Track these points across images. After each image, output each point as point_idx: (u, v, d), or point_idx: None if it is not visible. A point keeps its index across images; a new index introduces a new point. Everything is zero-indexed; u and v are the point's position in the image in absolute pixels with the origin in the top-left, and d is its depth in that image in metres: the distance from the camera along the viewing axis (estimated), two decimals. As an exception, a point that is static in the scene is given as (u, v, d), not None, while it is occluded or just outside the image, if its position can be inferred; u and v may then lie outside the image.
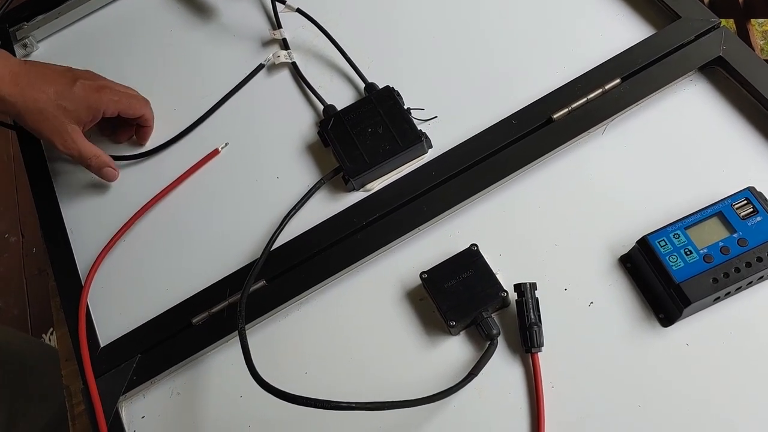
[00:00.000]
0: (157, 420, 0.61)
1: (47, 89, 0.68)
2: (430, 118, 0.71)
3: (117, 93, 0.73)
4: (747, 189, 0.57)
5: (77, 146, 0.70)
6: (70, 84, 0.69)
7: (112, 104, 0.72)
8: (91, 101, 0.70)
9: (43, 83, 0.68)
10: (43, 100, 0.68)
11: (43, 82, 0.68)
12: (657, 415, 0.54)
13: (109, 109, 0.72)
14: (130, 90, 0.77)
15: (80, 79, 0.70)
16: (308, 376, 0.61)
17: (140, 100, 0.76)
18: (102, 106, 0.71)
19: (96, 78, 0.73)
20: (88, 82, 0.71)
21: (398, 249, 0.65)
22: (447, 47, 0.75)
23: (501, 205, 0.65)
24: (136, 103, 0.75)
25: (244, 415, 0.60)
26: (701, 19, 0.68)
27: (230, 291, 0.64)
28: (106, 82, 0.74)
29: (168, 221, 0.72)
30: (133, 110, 0.74)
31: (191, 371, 0.63)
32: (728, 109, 0.65)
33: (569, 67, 0.70)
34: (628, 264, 0.59)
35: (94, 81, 0.72)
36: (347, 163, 0.67)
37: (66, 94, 0.69)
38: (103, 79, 0.74)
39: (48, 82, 0.69)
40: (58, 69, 0.72)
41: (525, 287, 0.58)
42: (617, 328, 0.57)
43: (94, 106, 0.70)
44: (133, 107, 0.74)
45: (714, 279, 0.54)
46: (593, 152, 0.66)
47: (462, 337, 0.59)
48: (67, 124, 0.69)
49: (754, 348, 0.55)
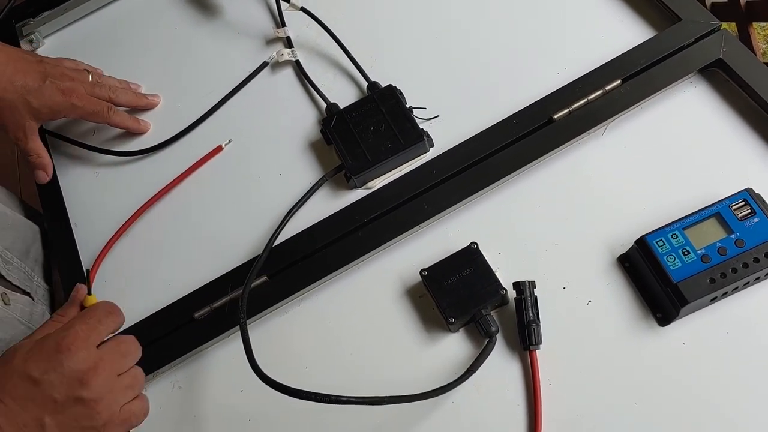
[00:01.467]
0: (158, 413, 0.62)
1: (16, 81, 0.68)
2: (431, 117, 0.71)
3: (83, 99, 0.72)
4: (745, 190, 0.58)
5: (27, 141, 0.72)
6: (39, 80, 0.69)
7: (73, 110, 0.71)
8: (54, 103, 0.70)
9: (13, 74, 0.68)
10: (11, 91, 0.68)
11: (14, 72, 0.68)
12: (653, 414, 0.54)
13: (70, 114, 0.72)
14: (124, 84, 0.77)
15: (49, 77, 0.70)
16: (308, 371, 0.61)
17: (112, 110, 0.75)
18: (63, 111, 0.71)
19: (66, 77, 0.72)
20: (56, 82, 0.70)
21: (399, 246, 0.66)
22: (449, 47, 0.76)
23: (501, 204, 0.66)
24: (104, 113, 0.74)
25: (245, 408, 0.61)
26: (702, 21, 0.69)
27: (232, 286, 0.65)
28: (75, 85, 0.72)
29: (171, 217, 0.73)
30: (98, 118, 0.74)
31: (193, 365, 0.64)
32: (728, 111, 0.66)
33: (570, 67, 0.70)
34: (626, 263, 0.60)
35: (62, 81, 0.71)
36: (349, 161, 0.68)
37: (33, 91, 0.69)
38: (77, 77, 0.73)
39: (19, 73, 0.69)
40: (30, 60, 0.71)
41: (524, 285, 0.58)
42: (615, 326, 0.58)
43: (56, 109, 0.71)
44: (98, 116, 0.73)
45: (711, 279, 0.54)
46: (593, 152, 0.66)
47: (461, 334, 0.60)
48: (27, 119, 0.70)
49: (750, 348, 0.55)
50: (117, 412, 0.52)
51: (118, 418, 0.52)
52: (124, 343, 0.55)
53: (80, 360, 0.51)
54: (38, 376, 0.50)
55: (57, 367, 0.50)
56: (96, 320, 0.55)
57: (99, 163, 0.78)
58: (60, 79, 0.71)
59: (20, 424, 0.49)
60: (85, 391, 0.50)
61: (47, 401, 0.49)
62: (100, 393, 0.51)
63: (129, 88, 0.79)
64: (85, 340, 0.52)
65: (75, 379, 0.50)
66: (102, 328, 0.55)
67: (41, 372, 0.50)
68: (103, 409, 0.51)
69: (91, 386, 0.51)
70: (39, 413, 0.49)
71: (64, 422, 0.50)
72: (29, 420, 0.49)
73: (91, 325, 0.54)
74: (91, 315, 0.55)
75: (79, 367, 0.51)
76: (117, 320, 0.57)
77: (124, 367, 0.54)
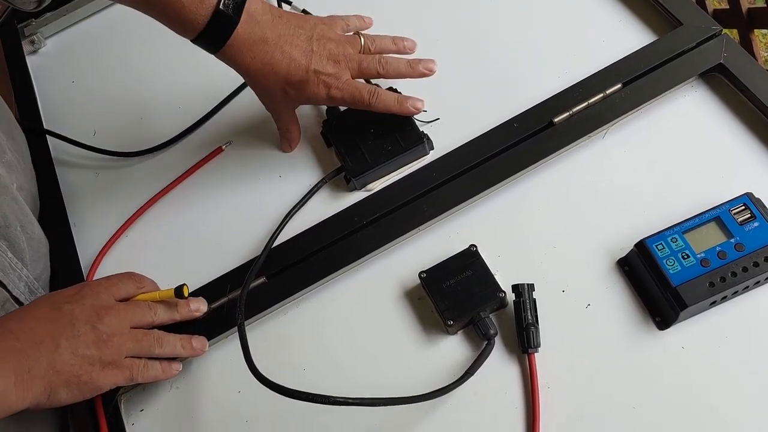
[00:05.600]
0: (155, 413, 0.62)
1: (279, 70, 0.65)
2: (432, 120, 0.71)
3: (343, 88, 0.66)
4: (745, 195, 0.57)
5: (279, 118, 0.71)
6: (303, 72, 0.65)
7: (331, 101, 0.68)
8: (312, 95, 0.67)
9: (280, 59, 0.65)
10: (272, 79, 0.66)
11: (281, 57, 0.65)
12: (652, 417, 0.54)
13: (330, 103, 0.70)
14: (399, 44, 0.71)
15: (313, 67, 0.65)
16: (306, 373, 0.61)
17: (374, 95, 0.66)
18: (321, 102, 0.69)
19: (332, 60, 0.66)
20: (320, 73, 0.65)
21: (398, 248, 0.65)
22: (450, 51, 0.76)
23: (500, 206, 0.66)
24: (365, 100, 0.66)
25: (242, 409, 0.60)
26: (703, 26, 0.69)
27: (230, 287, 0.65)
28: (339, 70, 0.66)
29: (171, 218, 0.73)
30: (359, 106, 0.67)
31: (190, 366, 0.64)
32: (728, 115, 0.66)
33: (571, 71, 0.70)
34: (625, 267, 0.60)
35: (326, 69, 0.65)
36: (349, 163, 0.68)
37: (294, 84, 0.66)
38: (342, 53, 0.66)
39: (284, 59, 0.65)
40: (300, 37, 0.65)
41: (523, 288, 0.58)
42: (614, 330, 0.58)
43: (314, 100, 0.68)
44: (359, 103, 0.67)
45: (711, 283, 0.54)
46: (594, 156, 0.66)
47: (459, 337, 0.60)
48: (282, 103, 0.69)
49: (749, 352, 0.55)
50: (121, 356, 0.56)
51: (121, 363, 0.56)
52: (141, 306, 0.60)
53: (101, 299, 0.58)
54: (62, 305, 0.56)
55: (79, 300, 0.57)
56: (117, 279, 0.61)
57: (99, 164, 0.78)
58: (324, 66, 0.65)
59: (36, 340, 0.53)
60: (99, 323, 0.56)
61: (66, 325, 0.54)
62: (111, 329, 0.56)
63: (404, 49, 0.71)
64: (108, 288, 0.59)
65: (93, 312, 0.56)
66: (122, 286, 0.60)
67: (64, 302, 0.56)
68: (112, 346, 0.56)
69: (105, 321, 0.56)
70: (57, 334, 0.54)
71: (77, 348, 0.54)
72: (46, 337, 0.53)
73: (112, 281, 0.60)
74: (113, 276, 0.62)
75: (98, 303, 0.57)
76: (138, 285, 0.62)
77: (139, 322, 0.59)
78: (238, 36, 0.63)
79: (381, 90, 0.67)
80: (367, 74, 0.68)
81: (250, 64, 0.64)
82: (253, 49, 0.64)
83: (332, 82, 0.66)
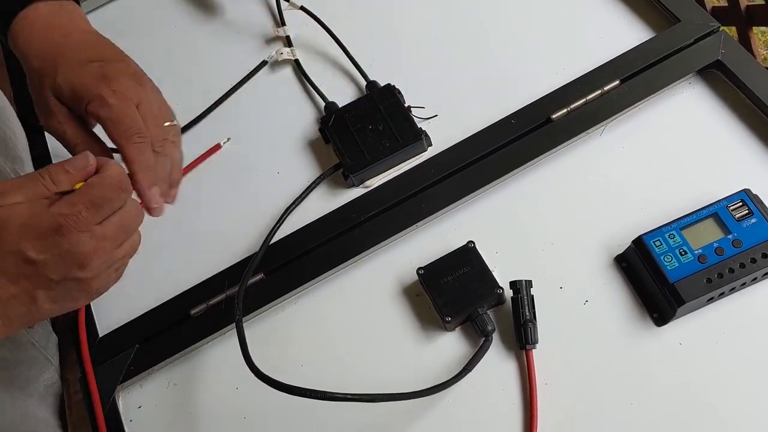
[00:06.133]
0: (153, 409, 0.62)
1: None
2: (430, 117, 0.71)
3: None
4: (743, 191, 0.58)
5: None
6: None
7: None
8: None
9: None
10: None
11: None
12: (649, 413, 0.54)
13: None
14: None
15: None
16: (304, 369, 0.61)
17: None
18: None
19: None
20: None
21: (396, 245, 0.65)
22: (448, 47, 0.76)
23: (498, 203, 0.66)
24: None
25: (240, 406, 0.60)
26: (701, 23, 0.69)
27: (228, 283, 0.65)
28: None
29: (168, 214, 0.72)
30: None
31: (188, 362, 0.64)
32: (726, 112, 0.66)
33: (569, 68, 0.70)
34: (623, 263, 0.60)
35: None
36: (347, 160, 0.68)
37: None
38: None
39: None
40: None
41: (520, 284, 0.58)
42: (611, 326, 0.58)
43: None
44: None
45: (708, 279, 0.54)
46: (591, 152, 0.66)
47: (457, 333, 0.60)
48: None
49: (746, 348, 0.55)
50: (111, 278, 0.51)
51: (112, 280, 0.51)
52: (127, 214, 0.50)
53: (81, 243, 0.46)
54: (34, 256, 0.45)
55: (54, 248, 0.46)
56: (103, 199, 0.48)
57: (97, 161, 0.78)
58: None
59: (9, 295, 0.46)
60: (81, 272, 0.47)
61: (42, 279, 0.46)
62: (97, 272, 0.48)
63: None
64: (88, 223, 0.47)
65: (73, 263, 0.47)
66: (107, 207, 0.48)
67: (37, 252, 0.45)
68: (98, 283, 0.49)
69: (90, 267, 0.47)
70: (31, 288, 0.46)
71: (57, 295, 0.47)
72: (20, 292, 0.46)
73: (97, 205, 0.47)
74: (98, 194, 0.48)
75: (80, 250, 0.46)
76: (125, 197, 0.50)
77: (125, 239, 0.50)
78: None
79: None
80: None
81: None
82: None
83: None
